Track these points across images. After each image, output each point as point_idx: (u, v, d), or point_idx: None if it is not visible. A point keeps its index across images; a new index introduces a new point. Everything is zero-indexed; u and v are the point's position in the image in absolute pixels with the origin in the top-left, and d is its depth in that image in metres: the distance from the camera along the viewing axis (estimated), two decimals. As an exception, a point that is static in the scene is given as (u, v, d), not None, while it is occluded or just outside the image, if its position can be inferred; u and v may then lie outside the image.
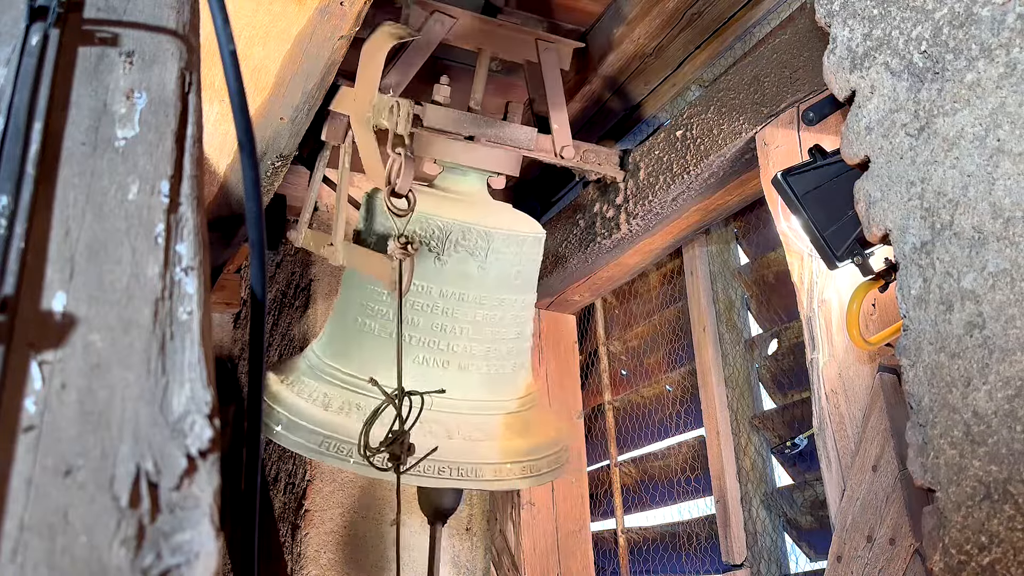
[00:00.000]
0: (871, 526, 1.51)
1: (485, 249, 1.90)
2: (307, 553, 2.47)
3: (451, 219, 1.89)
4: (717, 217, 2.29)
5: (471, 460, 1.84)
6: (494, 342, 1.95)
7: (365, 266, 1.86)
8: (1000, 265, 0.95)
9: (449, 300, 1.89)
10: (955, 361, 0.99)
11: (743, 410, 2.27)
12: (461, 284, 1.89)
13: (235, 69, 0.76)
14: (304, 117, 1.89)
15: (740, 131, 1.93)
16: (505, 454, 1.90)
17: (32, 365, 0.59)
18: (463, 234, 1.89)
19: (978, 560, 0.92)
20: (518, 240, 1.96)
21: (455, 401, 1.86)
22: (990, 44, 0.99)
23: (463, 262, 1.89)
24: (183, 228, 0.69)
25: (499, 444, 1.91)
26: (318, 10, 1.61)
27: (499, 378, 1.98)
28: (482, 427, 1.91)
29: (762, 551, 2.15)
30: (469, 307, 1.90)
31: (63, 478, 0.55)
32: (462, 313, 1.90)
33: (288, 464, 2.70)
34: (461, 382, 1.89)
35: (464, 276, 1.89)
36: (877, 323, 1.60)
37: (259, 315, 0.78)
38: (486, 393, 1.95)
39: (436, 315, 1.88)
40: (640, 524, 2.62)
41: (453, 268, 1.88)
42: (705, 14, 2.15)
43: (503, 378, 1.98)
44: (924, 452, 1.01)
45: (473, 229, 1.90)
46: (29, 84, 0.70)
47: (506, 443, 1.92)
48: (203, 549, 0.55)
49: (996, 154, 0.97)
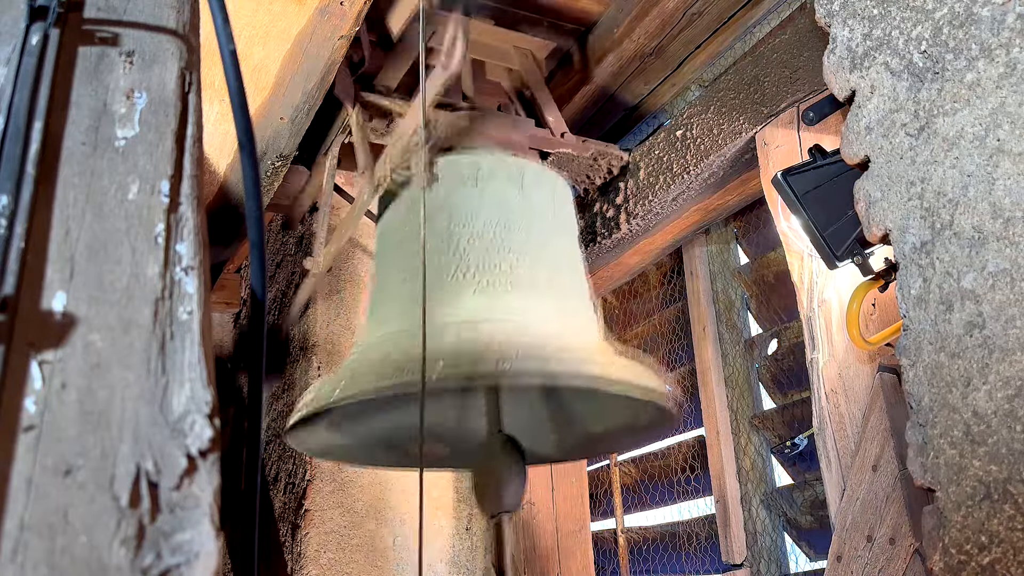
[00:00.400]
0: (871, 526, 1.51)
1: (520, 177, 1.75)
2: (307, 553, 2.47)
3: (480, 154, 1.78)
4: (717, 217, 2.29)
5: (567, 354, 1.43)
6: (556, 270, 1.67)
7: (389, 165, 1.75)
8: (1000, 265, 0.95)
9: (496, 228, 1.58)
10: (955, 361, 0.99)
11: (743, 410, 2.27)
12: (504, 211, 1.64)
13: (235, 69, 0.76)
14: (304, 117, 1.89)
15: (740, 131, 1.93)
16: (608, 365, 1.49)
17: (32, 365, 0.59)
18: (496, 163, 1.77)
19: (978, 560, 0.92)
20: (550, 177, 1.82)
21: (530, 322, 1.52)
22: (990, 44, 0.99)
23: (501, 189, 1.71)
24: (183, 228, 0.69)
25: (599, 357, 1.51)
26: (318, 10, 1.61)
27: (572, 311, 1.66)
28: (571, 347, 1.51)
29: (762, 551, 2.15)
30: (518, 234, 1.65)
31: (63, 478, 0.55)
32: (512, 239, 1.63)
33: (288, 464, 2.70)
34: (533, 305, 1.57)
35: (505, 203, 1.68)
36: (877, 323, 1.60)
37: (259, 315, 0.78)
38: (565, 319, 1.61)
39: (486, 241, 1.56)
40: (640, 524, 2.62)
41: (492, 195, 1.70)
42: (705, 14, 2.15)
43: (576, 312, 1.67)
44: (924, 452, 1.01)
45: (505, 159, 1.79)
46: (29, 84, 0.70)
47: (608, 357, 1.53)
48: (203, 549, 0.55)
49: (996, 154, 0.97)
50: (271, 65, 1.74)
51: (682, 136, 2.10)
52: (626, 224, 2.28)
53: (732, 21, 2.17)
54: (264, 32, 1.67)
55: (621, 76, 2.41)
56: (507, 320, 1.47)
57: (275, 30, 1.67)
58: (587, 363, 1.42)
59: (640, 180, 2.24)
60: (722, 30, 2.20)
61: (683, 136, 2.10)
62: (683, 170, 2.09)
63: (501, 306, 1.50)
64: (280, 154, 1.98)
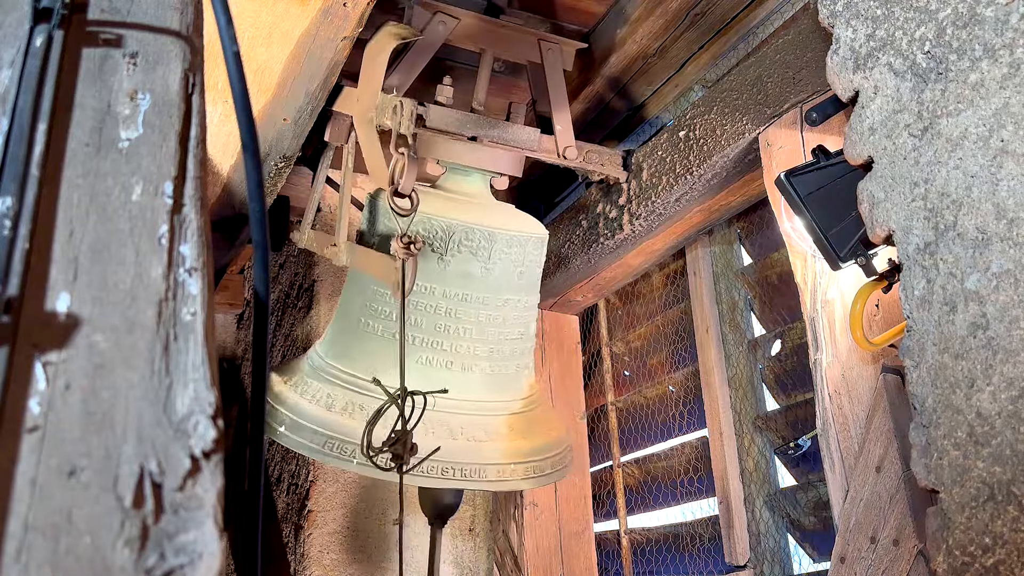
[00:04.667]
0: (875, 527, 1.51)
1: (488, 249, 1.90)
2: (310, 553, 2.47)
3: (454, 219, 1.89)
4: (720, 218, 2.29)
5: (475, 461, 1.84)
6: (497, 342, 1.95)
7: (368, 266, 1.86)
8: (1004, 266, 0.95)
9: (452, 300, 1.89)
10: (959, 362, 0.98)
11: (746, 411, 2.27)
12: (464, 285, 1.89)
13: (239, 70, 0.76)
14: (307, 118, 1.89)
15: (743, 131, 1.93)
16: (509, 455, 1.90)
17: (36, 366, 0.59)
18: (466, 234, 1.89)
19: (982, 561, 0.92)
20: (521, 241, 1.96)
21: (458, 401, 1.86)
22: (994, 44, 0.99)
23: (466, 262, 1.89)
24: (186, 229, 0.69)
25: (503, 444, 1.91)
26: (321, 11, 1.61)
27: (502, 378, 1.98)
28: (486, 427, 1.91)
29: (765, 552, 2.15)
30: (472, 307, 1.90)
31: (67, 478, 0.55)
32: (465, 314, 1.90)
33: (291, 465, 2.71)
34: (465, 382, 1.90)
35: (467, 277, 1.89)
36: (881, 324, 1.60)
37: (262, 316, 0.78)
38: (489, 393, 1.95)
39: (439, 316, 1.88)
40: (643, 525, 2.62)
41: (456, 268, 1.88)
42: (708, 14, 2.15)
43: (506, 378, 1.98)
44: (928, 453, 1.01)
45: (476, 230, 1.90)
46: (33, 85, 0.70)
47: (510, 443, 1.92)
48: (206, 549, 0.55)
49: (1000, 155, 0.97)
50: (274, 66, 1.74)
51: (685, 137, 2.10)
52: (629, 225, 2.28)
53: (735, 22, 2.17)
54: (267, 33, 1.68)
55: (624, 77, 2.41)
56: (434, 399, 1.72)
57: (278, 31, 1.67)
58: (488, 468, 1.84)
59: (643, 181, 2.24)
60: (725, 31, 2.20)
61: (686, 137, 2.10)
62: (686, 171, 2.08)
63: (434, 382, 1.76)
64: (283, 155, 1.99)
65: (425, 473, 1.76)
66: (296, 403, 1.88)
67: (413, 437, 1.60)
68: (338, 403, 1.85)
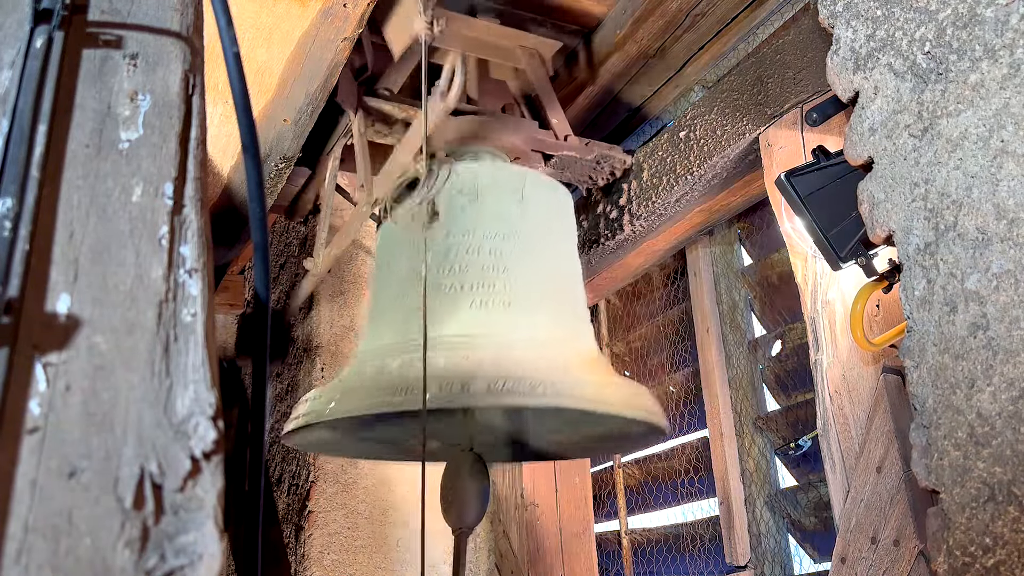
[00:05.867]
0: (875, 527, 1.51)
1: (520, 188, 1.77)
2: (311, 554, 2.47)
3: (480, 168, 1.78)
4: (721, 218, 2.29)
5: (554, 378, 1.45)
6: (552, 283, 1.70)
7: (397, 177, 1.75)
8: (1004, 266, 0.95)
9: (494, 240, 1.67)
10: (959, 362, 0.98)
11: (747, 411, 2.27)
12: (503, 223, 1.69)
13: (239, 71, 0.76)
14: (307, 119, 1.89)
15: (743, 132, 1.93)
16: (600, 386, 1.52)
17: (36, 367, 0.59)
18: (495, 173, 1.78)
19: (982, 562, 0.92)
20: (550, 186, 1.83)
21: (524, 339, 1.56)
22: (994, 45, 0.99)
23: (500, 201, 1.72)
24: (187, 230, 0.69)
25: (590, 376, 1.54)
26: (321, 12, 1.61)
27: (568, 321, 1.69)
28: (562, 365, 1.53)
29: (766, 552, 2.15)
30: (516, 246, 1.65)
31: (67, 480, 0.55)
32: (510, 253, 1.67)
33: (292, 465, 2.71)
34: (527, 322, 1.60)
35: (504, 215, 1.69)
36: (881, 324, 1.60)
37: (263, 316, 0.78)
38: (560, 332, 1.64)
39: (484, 256, 1.64)
40: (644, 525, 2.62)
41: (491, 208, 1.71)
42: (708, 15, 2.15)
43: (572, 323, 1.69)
44: (928, 454, 1.01)
45: (506, 169, 1.81)
46: (33, 87, 0.70)
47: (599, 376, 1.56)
48: (207, 551, 0.55)
49: (1000, 155, 0.97)
50: (274, 67, 1.74)
51: (685, 137, 2.10)
52: (629, 225, 2.28)
53: (735, 22, 2.17)
54: (267, 34, 1.68)
55: (624, 77, 2.41)
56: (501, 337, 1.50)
57: (278, 32, 1.67)
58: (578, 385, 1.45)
59: (643, 181, 2.24)
60: (725, 31, 2.20)
61: (686, 137, 2.10)
62: (686, 171, 2.08)
63: (496, 321, 1.53)
64: (284, 156, 1.99)
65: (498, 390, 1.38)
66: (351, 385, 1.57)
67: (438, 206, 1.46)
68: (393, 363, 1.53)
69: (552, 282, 1.70)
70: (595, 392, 1.46)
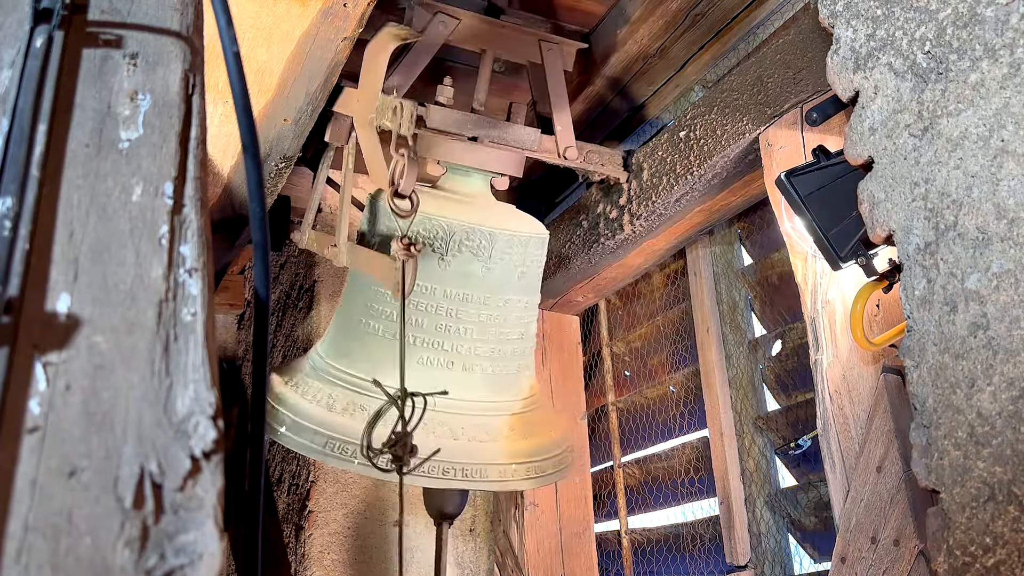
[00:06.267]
0: (875, 527, 1.51)
1: (489, 250, 1.90)
2: (311, 554, 2.47)
3: (455, 220, 1.89)
4: (721, 218, 2.28)
5: (477, 461, 1.84)
6: (498, 343, 1.95)
7: (368, 267, 1.86)
8: (1004, 266, 0.95)
9: (453, 301, 1.89)
10: (959, 362, 0.98)
11: (747, 411, 2.27)
12: (465, 285, 1.89)
13: (239, 71, 0.76)
14: (308, 119, 1.89)
15: (744, 132, 1.93)
16: (510, 455, 1.90)
17: (36, 366, 0.59)
18: (467, 235, 1.89)
19: (982, 561, 0.92)
20: (522, 241, 1.96)
21: (459, 402, 1.86)
22: (994, 44, 0.99)
23: (467, 263, 1.89)
24: (187, 230, 0.69)
25: (504, 445, 1.91)
26: (321, 12, 1.61)
27: (503, 379, 1.98)
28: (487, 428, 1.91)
29: (766, 552, 2.15)
30: (473, 308, 1.90)
31: (67, 479, 0.55)
32: (466, 314, 1.89)
33: (292, 465, 2.71)
34: (465, 383, 1.89)
35: (468, 277, 1.90)
36: (881, 324, 1.60)
37: (263, 316, 0.78)
38: (490, 394, 1.95)
39: (440, 316, 1.88)
40: (644, 525, 2.62)
41: (457, 269, 1.88)
42: (708, 15, 2.15)
43: (507, 379, 1.98)
44: (928, 453, 1.01)
45: (477, 230, 1.90)
46: (33, 86, 0.70)
47: (511, 444, 1.92)
48: (207, 550, 0.55)
49: (1000, 155, 0.97)
50: (274, 67, 1.74)
51: (685, 137, 2.10)
52: (629, 225, 2.28)
53: (735, 22, 2.17)
54: (267, 34, 1.68)
55: (625, 77, 2.41)
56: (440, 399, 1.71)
57: (278, 32, 1.67)
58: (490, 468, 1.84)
59: (643, 181, 2.24)
60: (725, 31, 2.20)
61: (686, 137, 2.10)
62: (686, 171, 2.08)
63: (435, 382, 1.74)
64: (284, 155, 1.99)
65: (426, 474, 1.75)
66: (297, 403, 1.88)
67: (413, 438, 1.59)
68: (339, 403, 1.85)
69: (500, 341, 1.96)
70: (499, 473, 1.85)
